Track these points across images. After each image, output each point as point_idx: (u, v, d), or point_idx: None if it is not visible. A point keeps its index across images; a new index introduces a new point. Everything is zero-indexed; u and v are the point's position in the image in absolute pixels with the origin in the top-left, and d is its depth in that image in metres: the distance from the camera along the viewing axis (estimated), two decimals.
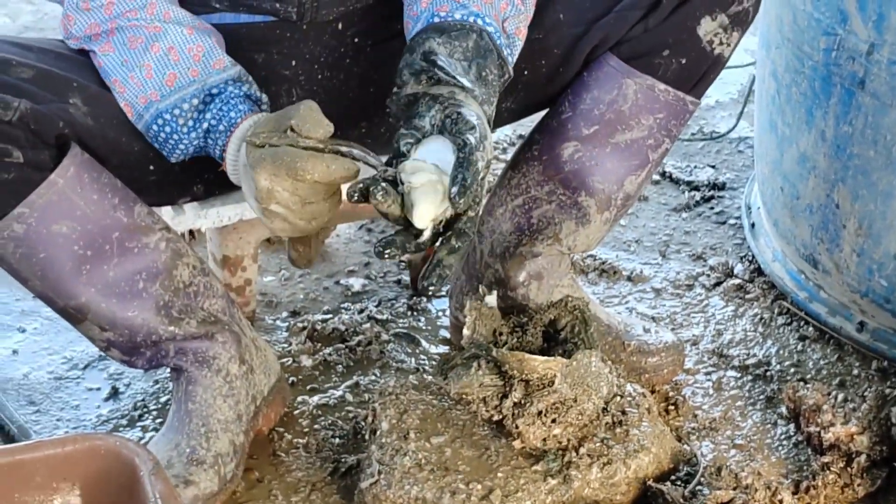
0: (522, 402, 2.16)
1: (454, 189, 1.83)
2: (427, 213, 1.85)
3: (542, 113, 2.42)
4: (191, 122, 2.07)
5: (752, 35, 2.85)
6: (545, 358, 2.15)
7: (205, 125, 2.06)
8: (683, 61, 2.28)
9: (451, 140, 1.89)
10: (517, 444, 2.17)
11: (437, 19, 2.06)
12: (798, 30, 2.53)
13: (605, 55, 2.29)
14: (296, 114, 1.96)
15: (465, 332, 2.18)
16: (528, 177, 2.39)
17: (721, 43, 2.27)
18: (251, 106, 2.07)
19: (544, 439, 2.16)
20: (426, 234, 1.86)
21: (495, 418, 2.19)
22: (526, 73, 2.30)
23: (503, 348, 2.22)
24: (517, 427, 2.16)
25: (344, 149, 1.96)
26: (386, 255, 1.85)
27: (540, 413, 2.15)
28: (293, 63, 2.27)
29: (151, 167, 2.20)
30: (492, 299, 2.26)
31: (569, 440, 2.17)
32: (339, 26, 2.29)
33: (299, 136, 1.94)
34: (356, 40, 2.32)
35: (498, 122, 2.36)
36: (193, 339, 2.25)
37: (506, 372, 2.16)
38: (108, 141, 2.13)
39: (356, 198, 1.88)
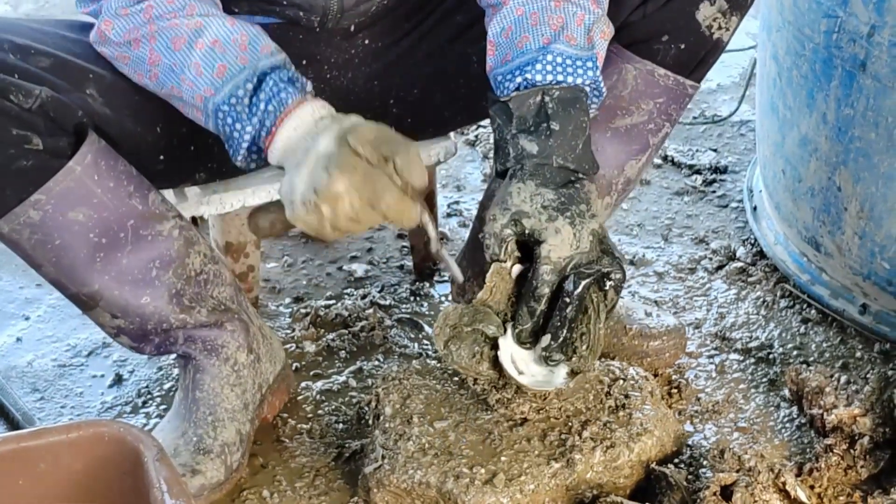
0: (511, 398, 2.20)
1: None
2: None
3: None
4: (249, 108, 2.01)
5: (754, 18, 2.85)
6: (543, 389, 2.16)
7: (262, 106, 1.99)
8: (682, 46, 2.28)
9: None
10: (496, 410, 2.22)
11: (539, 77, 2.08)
12: (799, 12, 2.53)
13: None
14: (403, 154, 1.90)
15: (482, 294, 2.13)
16: None
17: (720, 28, 2.27)
18: (299, 91, 2.01)
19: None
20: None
21: (480, 395, 2.23)
22: None
23: (510, 324, 2.19)
24: (496, 408, 2.20)
25: (418, 206, 1.96)
26: None
27: (522, 411, 2.20)
28: (303, 63, 2.27)
29: (161, 156, 2.21)
30: (517, 269, 2.21)
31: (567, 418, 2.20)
32: (352, 29, 2.29)
33: (397, 173, 1.91)
34: (366, 41, 2.33)
35: None
36: (203, 328, 2.26)
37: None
38: (123, 129, 2.14)
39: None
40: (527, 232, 2.05)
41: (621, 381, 2.27)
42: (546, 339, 2.06)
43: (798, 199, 2.69)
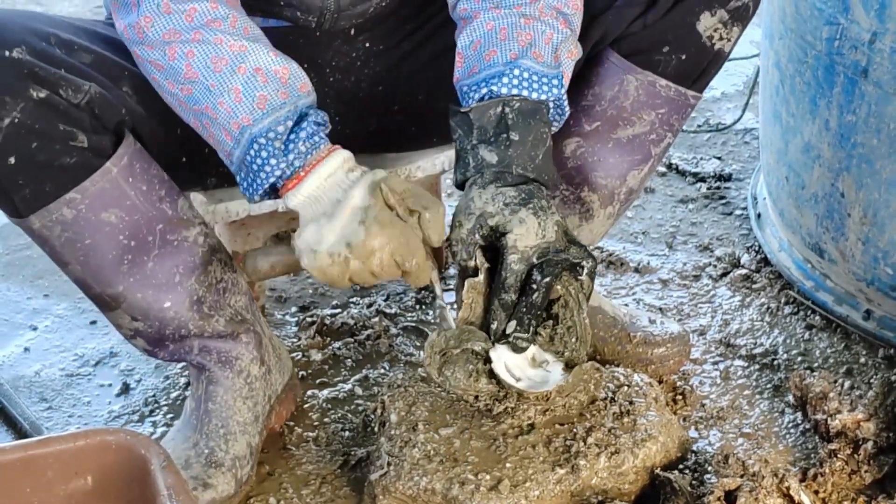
0: (515, 406, 2.21)
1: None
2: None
3: None
4: (286, 145, 2.00)
5: (757, 26, 2.85)
6: (542, 391, 2.16)
7: (299, 146, 2.00)
8: (684, 57, 2.28)
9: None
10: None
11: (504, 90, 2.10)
12: (801, 20, 2.54)
13: (605, 51, 2.29)
14: (432, 210, 2.01)
15: (462, 313, 2.13)
16: None
17: (721, 38, 2.27)
18: (325, 137, 2.04)
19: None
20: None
21: (484, 410, 2.23)
22: None
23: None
24: (503, 420, 2.21)
25: (431, 262, 2.06)
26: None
27: (528, 417, 2.21)
28: (305, 66, 2.27)
29: (184, 158, 2.21)
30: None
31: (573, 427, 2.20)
32: (352, 32, 2.30)
33: (422, 228, 1.99)
34: (367, 44, 2.33)
35: None
36: (219, 339, 2.27)
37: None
38: (152, 128, 2.14)
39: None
40: (493, 228, 2.07)
41: (626, 388, 2.28)
42: (511, 326, 2.08)
43: (801, 206, 2.70)
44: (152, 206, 2.12)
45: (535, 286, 2.05)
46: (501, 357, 2.11)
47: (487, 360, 2.13)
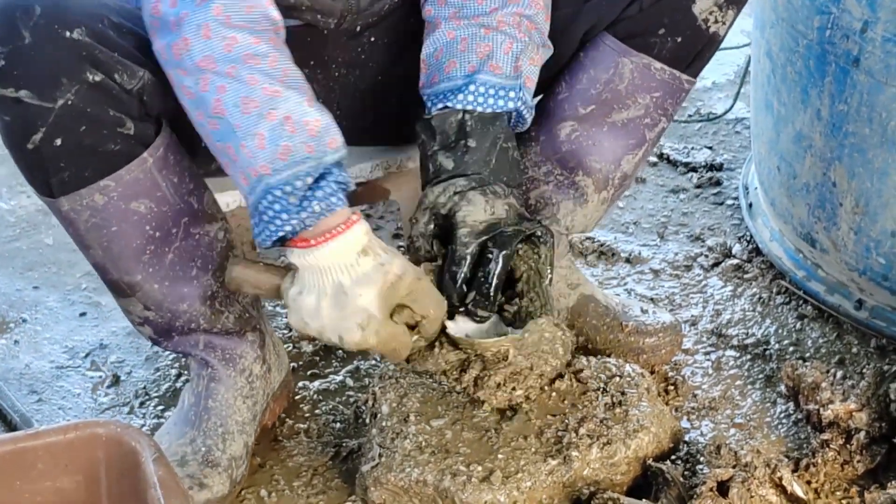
0: (481, 375, 2.17)
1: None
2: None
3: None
4: (300, 202, 1.93)
5: (748, 16, 2.85)
6: (495, 339, 2.13)
7: (313, 205, 1.93)
8: (679, 40, 2.28)
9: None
10: (486, 406, 2.21)
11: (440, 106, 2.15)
12: (792, 9, 2.53)
13: (601, 35, 2.30)
14: (432, 321, 2.05)
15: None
16: (525, 157, 2.39)
17: (716, 21, 2.27)
18: (346, 198, 1.98)
19: (509, 400, 2.19)
20: None
21: (458, 389, 2.20)
22: None
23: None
24: (479, 397, 2.18)
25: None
26: None
27: (499, 385, 2.17)
28: (312, 63, 2.26)
29: (204, 144, 2.17)
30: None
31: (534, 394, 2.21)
32: (358, 29, 2.29)
33: (418, 331, 2.04)
34: (372, 39, 2.33)
35: None
36: (226, 335, 2.27)
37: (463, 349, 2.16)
38: (181, 115, 2.04)
39: None
40: (445, 215, 2.09)
41: (617, 379, 2.28)
42: (471, 295, 2.08)
43: (793, 196, 2.70)
44: (181, 199, 2.11)
45: (490, 257, 2.07)
46: (462, 329, 2.12)
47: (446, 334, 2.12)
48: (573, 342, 2.28)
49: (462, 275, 2.07)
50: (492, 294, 2.08)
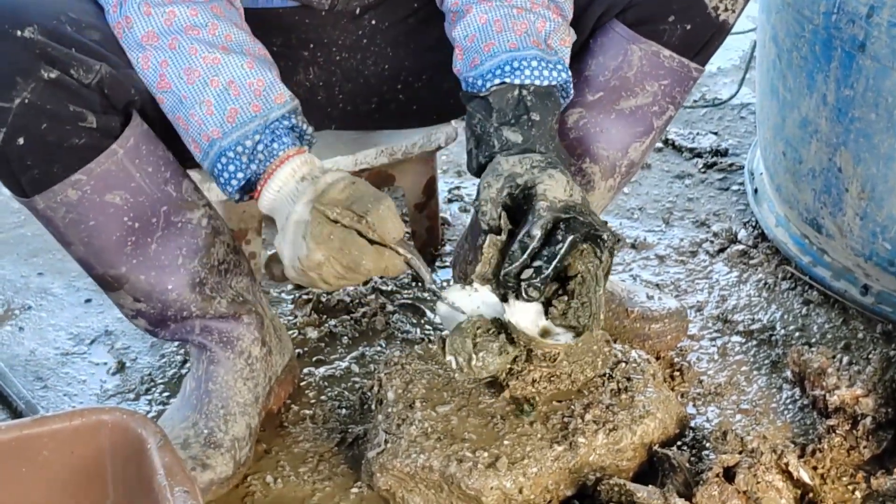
0: (521, 368, 2.16)
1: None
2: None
3: None
4: (250, 157, 2.01)
5: (754, 1, 2.84)
6: (553, 342, 2.14)
7: (259, 156, 2.01)
8: (688, 27, 2.27)
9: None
10: (505, 394, 2.18)
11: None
12: None
13: (610, 22, 2.29)
14: (374, 211, 1.95)
15: (480, 268, 2.11)
16: None
17: (726, 9, 2.27)
18: (295, 140, 2.03)
19: (530, 393, 2.19)
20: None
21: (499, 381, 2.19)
22: None
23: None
24: (508, 384, 2.16)
25: (402, 251, 2.01)
26: None
27: (534, 381, 2.16)
28: (311, 46, 2.26)
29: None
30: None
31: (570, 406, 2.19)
32: (358, 11, 2.28)
33: (371, 229, 1.96)
34: (373, 22, 2.32)
35: None
36: (221, 319, 2.26)
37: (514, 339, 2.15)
38: (157, 106, 2.09)
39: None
40: (521, 186, 2.05)
41: (623, 364, 2.28)
42: (528, 272, 2.03)
43: (799, 181, 2.69)
44: (157, 188, 2.11)
45: (559, 238, 2.02)
46: (514, 316, 2.09)
47: (502, 328, 2.09)
48: (613, 360, 2.26)
49: (533, 248, 2.02)
50: (549, 276, 2.03)
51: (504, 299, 2.08)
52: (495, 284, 2.10)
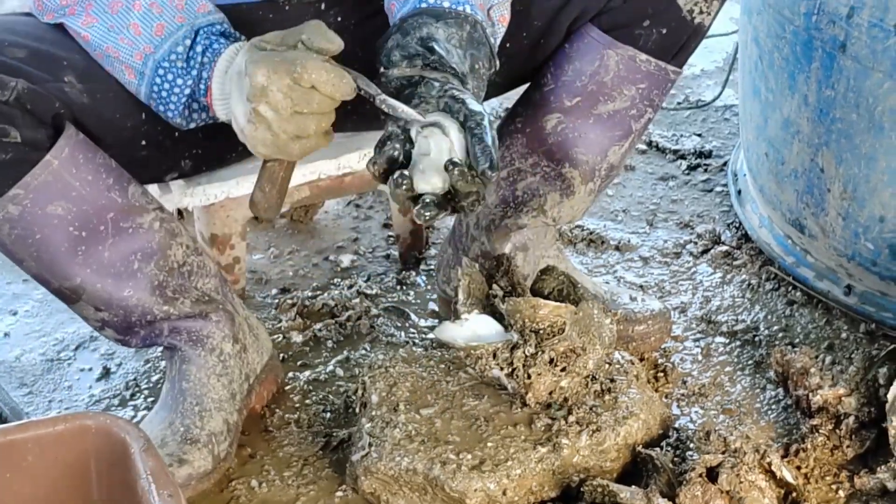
0: (534, 352, 2.16)
1: (485, 164, 1.79)
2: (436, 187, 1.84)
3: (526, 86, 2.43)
4: (187, 62, 2.00)
5: (736, 2, 2.85)
6: (556, 304, 2.15)
7: (198, 59, 2.00)
8: (664, 31, 2.28)
9: (456, 120, 1.85)
10: (529, 398, 2.18)
11: (425, 4, 2.00)
12: None
13: (585, 26, 2.29)
14: (306, 29, 1.89)
15: (461, 295, 2.16)
16: (511, 149, 2.40)
17: (701, 12, 2.27)
18: (231, 41, 2.01)
19: (550, 392, 2.18)
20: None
21: (504, 371, 2.18)
22: (508, 45, 2.29)
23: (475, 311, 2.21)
24: (529, 377, 2.16)
25: (347, 72, 1.90)
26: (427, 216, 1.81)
27: (552, 361, 2.16)
28: None
29: (143, 142, 2.19)
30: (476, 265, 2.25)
31: (574, 395, 2.20)
32: (322, 6, 2.28)
33: (308, 48, 1.88)
34: (339, 19, 2.32)
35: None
36: (187, 319, 2.26)
37: (512, 325, 2.15)
38: (103, 118, 2.12)
39: (377, 174, 1.86)
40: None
41: (607, 366, 2.28)
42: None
43: (781, 182, 2.70)
44: (100, 195, 2.10)
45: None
46: (446, 333, 2.17)
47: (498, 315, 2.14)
48: (615, 335, 2.26)
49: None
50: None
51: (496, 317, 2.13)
52: (481, 307, 2.12)
